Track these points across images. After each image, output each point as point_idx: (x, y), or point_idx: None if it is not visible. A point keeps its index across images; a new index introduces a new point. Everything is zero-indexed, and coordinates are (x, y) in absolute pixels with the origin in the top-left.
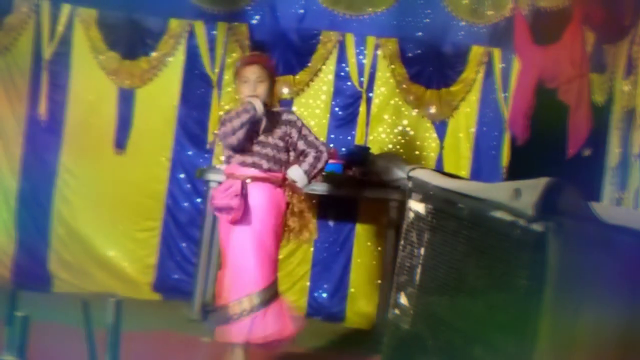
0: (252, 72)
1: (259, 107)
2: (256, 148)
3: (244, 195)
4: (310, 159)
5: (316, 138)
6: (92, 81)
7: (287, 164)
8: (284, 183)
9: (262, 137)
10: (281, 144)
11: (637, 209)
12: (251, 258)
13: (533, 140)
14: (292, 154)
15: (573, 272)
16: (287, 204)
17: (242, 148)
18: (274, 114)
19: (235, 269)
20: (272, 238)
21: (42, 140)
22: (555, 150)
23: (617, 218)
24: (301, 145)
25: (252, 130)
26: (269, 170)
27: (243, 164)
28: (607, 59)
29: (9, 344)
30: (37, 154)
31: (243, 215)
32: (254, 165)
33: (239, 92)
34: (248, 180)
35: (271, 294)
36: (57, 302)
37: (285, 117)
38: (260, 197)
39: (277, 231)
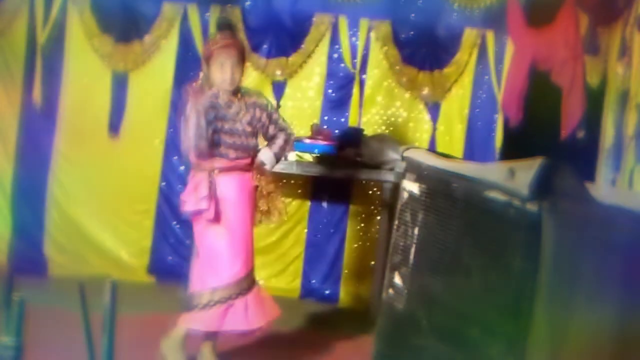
0: (230, 56)
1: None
2: (223, 137)
3: (212, 190)
4: (280, 141)
5: (284, 121)
6: (86, 65)
7: (255, 149)
8: (251, 167)
9: (229, 125)
10: (249, 129)
11: (631, 189)
12: (225, 249)
13: (526, 122)
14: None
15: (568, 251)
16: (256, 187)
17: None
18: (242, 99)
19: (208, 260)
20: (246, 226)
21: (37, 125)
22: (548, 132)
23: (611, 198)
24: (272, 129)
25: (217, 120)
26: (236, 159)
27: (210, 155)
28: (601, 41)
29: (6, 327)
30: (32, 139)
31: (215, 208)
32: (221, 155)
33: (212, 77)
34: (215, 172)
35: (247, 284)
36: (53, 286)
37: (254, 100)
38: (230, 187)
39: (250, 218)
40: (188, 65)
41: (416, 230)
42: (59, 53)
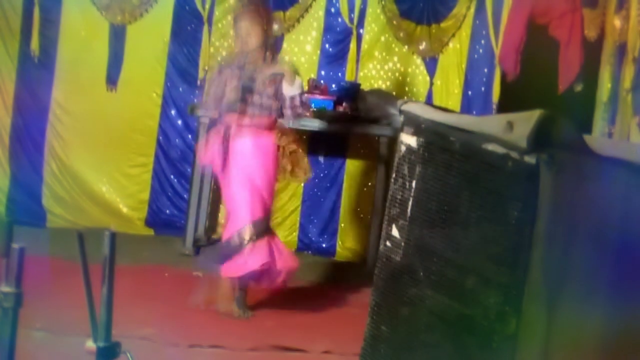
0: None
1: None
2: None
3: (226, 144)
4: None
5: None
6: (83, 17)
7: (277, 110)
8: (273, 127)
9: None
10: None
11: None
12: (238, 198)
13: (524, 76)
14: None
15: (565, 203)
16: (279, 147)
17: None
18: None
19: (228, 209)
20: (261, 179)
21: (35, 76)
22: (546, 86)
23: (609, 150)
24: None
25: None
26: (253, 115)
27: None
28: None
29: (6, 276)
30: (29, 90)
31: (231, 161)
32: (240, 112)
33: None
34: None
35: (259, 230)
36: (52, 237)
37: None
38: (246, 142)
39: (267, 173)
40: (185, 17)
41: (414, 183)
42: (56, 4)
